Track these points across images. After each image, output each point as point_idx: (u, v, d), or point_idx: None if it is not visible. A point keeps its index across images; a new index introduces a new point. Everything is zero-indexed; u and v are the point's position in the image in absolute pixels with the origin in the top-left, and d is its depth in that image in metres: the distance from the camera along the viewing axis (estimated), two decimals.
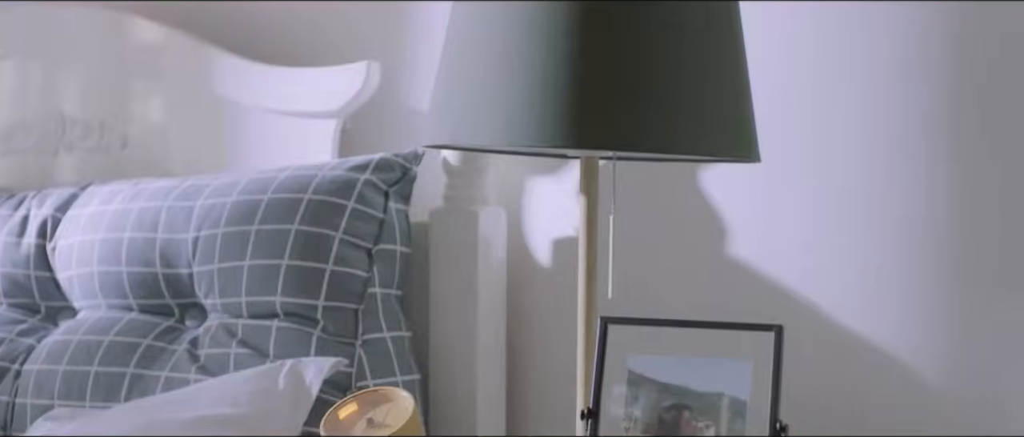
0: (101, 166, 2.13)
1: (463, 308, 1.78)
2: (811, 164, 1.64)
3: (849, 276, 1.62)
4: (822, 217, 1.64)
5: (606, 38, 1.30)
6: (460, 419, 1.78)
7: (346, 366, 1.66)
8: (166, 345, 1.78)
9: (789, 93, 1.65)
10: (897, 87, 1.59)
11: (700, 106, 1.33)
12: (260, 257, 1.71)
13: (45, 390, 1.82)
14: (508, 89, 1.32)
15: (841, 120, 1.62)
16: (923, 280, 1.58)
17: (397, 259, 1.75)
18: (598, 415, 1.22)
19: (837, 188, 1.63)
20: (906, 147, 1.59)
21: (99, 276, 1.86)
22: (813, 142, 1.64)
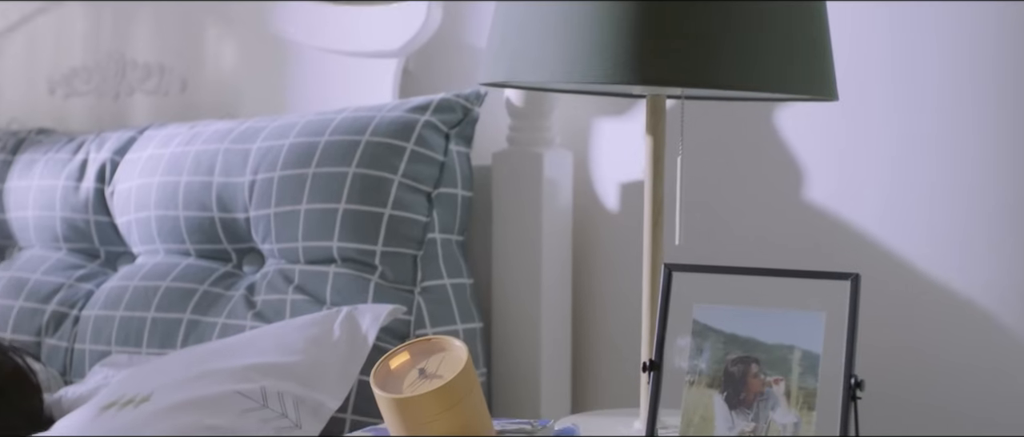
0: (161, 109, 2.10)
1: (527, 254, 1.71)
2: (892, 105, 1.55)
3: (930, 223, 1.53)
4: (902, 161, 1.54)
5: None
6: (523, 368, 1.72)
7: (404, 314, 1.60)
8: (223, 291, 1.74)
9: (869, 29, 1.55)
10: (983, 26, 1.49)
11: (775, 39, 1.25)
12: (317, 201, 1.66)
13: (103, 336, 1.79)
14: (569, 21, 1.25)
15: (923, 60, 1.52)
16: (1008, 229, 1.48)
17: (458, 203, 1.69)
18: (660, 368, 1.15)
19: (918, 131, 1.53)
20: (991, 90, 1.49)
21: (156, 220, 1.82)
22: (894, 81, 1.55)
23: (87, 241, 1.95)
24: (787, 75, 1.26)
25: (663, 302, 1.17)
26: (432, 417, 1.18)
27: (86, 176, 1.94)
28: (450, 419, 1.19)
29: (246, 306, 1.69)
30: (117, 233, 1.92)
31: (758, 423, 1.09)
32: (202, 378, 1.49)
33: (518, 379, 1.73)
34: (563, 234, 1.74)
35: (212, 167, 1.77)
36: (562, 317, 1.74)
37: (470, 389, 1.20)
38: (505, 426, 1.29)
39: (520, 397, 1.72)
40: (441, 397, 1.18)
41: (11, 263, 2.02)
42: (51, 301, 1.89)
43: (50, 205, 1.97)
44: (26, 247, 2.05)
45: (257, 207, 1.72)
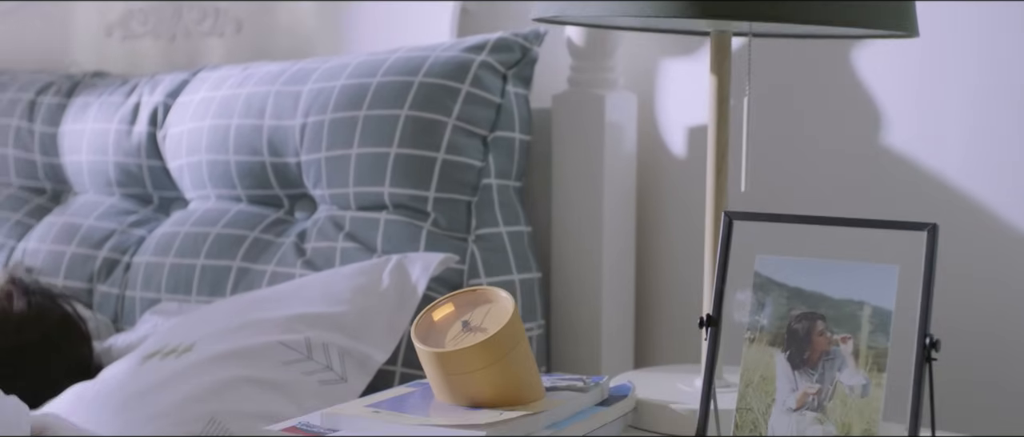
0: (217, 50, 2.05)
1: (588, 201, 1.63)
2: (975, 43, 1.44)
3: (1016, 171, 1.42)
4: (986, 104, 1.44)
5: None
6: (583, 320, 1.65)
7: (457, 263, 1.54)
8: (273, 238, 1.68)
9: None
10: None
11: None
12: (368, 145, 1.60)
13: (153, 283, 1.75)
14: None
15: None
16: None
17: (516, 148, 1.62)
18: (719, 323, 1.07)
19: (1004, 72, 1.42)
20: None
21: (207, 165, 1.77)
22: (978, 16, 1.44)
23: (140, 186, 1.91)
24: (862, 8, 1.16)
25: (722, 253, 1.09)
26: (474, 372, 1.12)
27: (139, 120, 1.89)
28: (494, 374, 1.12)
29: (296, 254, 1.63)
30: (169, 178, 1.87)
31: (823, 384, 1.01)
32: (245, 328, 1.44)
33: (578, 332, 1.65)
34: (626, 180, 1.65)
35: (263, 110, 1.72)
36: (625, 267, 1.66)
37: (515, 343, 1.13)
38: (555, 382, 1.22)
39: (580, 351, 1.65)
40: (484, 351, 1.11)
41: (65, 208, 1.99)
42: (103, 247, 1.85)
43: (103, 149, 1.93)
44: (80, 192, 2.02)
45: (308, 151, 1.66)
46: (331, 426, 1.12)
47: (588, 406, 1.19)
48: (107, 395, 1.41)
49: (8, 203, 2.07)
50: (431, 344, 1.14)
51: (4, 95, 2.16)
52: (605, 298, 1.64)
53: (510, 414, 1.09)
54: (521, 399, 1.14)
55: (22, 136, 2.07)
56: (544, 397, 1.16)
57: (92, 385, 1.46)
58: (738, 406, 1.03)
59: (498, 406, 1.12)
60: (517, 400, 1.13)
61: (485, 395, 1.12)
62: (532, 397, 1.15)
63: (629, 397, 1.23)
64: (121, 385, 1.42)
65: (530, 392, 1.15)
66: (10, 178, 2.11)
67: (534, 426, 1.10)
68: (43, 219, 1.99)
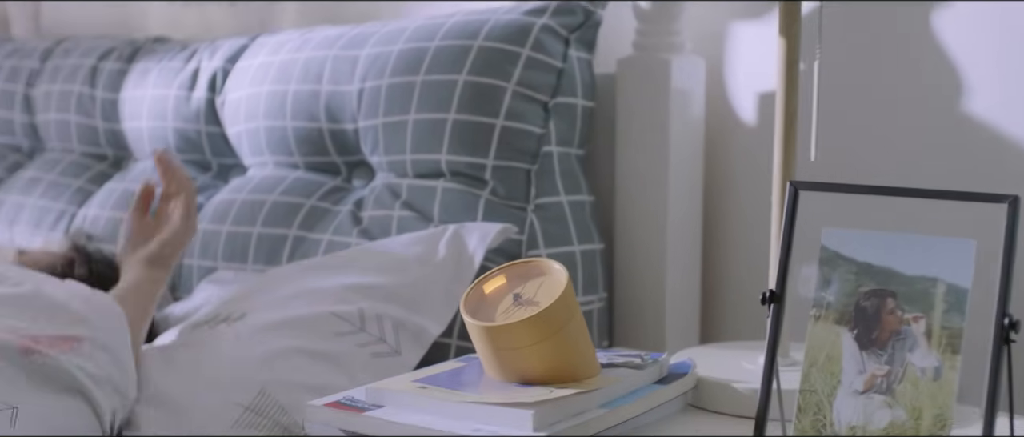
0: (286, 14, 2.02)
1: (653, 170, 1.57)
2: None
3: None
4: None
5: None
6: (647, 293, 1.59)
7: (515, 233, 1.49)
8: (330, 206, 1.65)
9: None
10: None
11: None
12: (425, 111, 1.55)
13: (209, 251, 1.72)
14: None
15: None
16: None
17: (578, 114, 1.56)
18: (783, 299, 1.01)
19: None
20: None
21: (265, 132, 1.74)
22: None
23: (199, 152, 1.88)
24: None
25: (787, 225, 1.03)
26: (525, 347, 1.07)
27: (198, 85, 1.87)
28: (545, 350, 1.07)
29: (352, 222, 1.59)
30: (228, 145, 1.84)
31: (893, 366, 0.95)
32: (298, 297, 1.41)
33: (641, 306, 1.60)
34: (693, 148, 1.59)
35: (320, 75, 1.68)
36: (691, 239, 1.60)
37: (569, 318, 1.08)
38: (612, 358, 1.17)
39: (643, 326, 1.60)
40: (535, 326, 1.07)
41: (125, 175, 1.97)
42: None
43: (162, 115, 1.90)
44: (140, 158, 2.00)
45: (365, 117, 1.62)
46: (376, 401, 1.08)
47: (645, 384, 1.14)
48: (154, 365, 1.39)
49: (70, 169, 2.06)
50: (481, 317, 1.10)
51: (67, 61, 2.14)
52: (670, 271, 1.58)
53: (562, 391, 1.04)
54: (574, 376, 1.09)
55: (84, 102, 2.06)
56: (599, 374, 1.12)
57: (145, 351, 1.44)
58: (801, 387, 0.97)
59: (550, 383, 1.07)
60: (570, 377, 1.09)
61: (536, 371, 1.08)
62: (586, 374, 1.10)
63: (689, 375, 1.18)
64: (172, 353, 1.40)
65: (584, 369, 1.10)
66: (72, 144, 2.10)
67: (587, 404, 1.05)
68: (104, 185, 1.98)
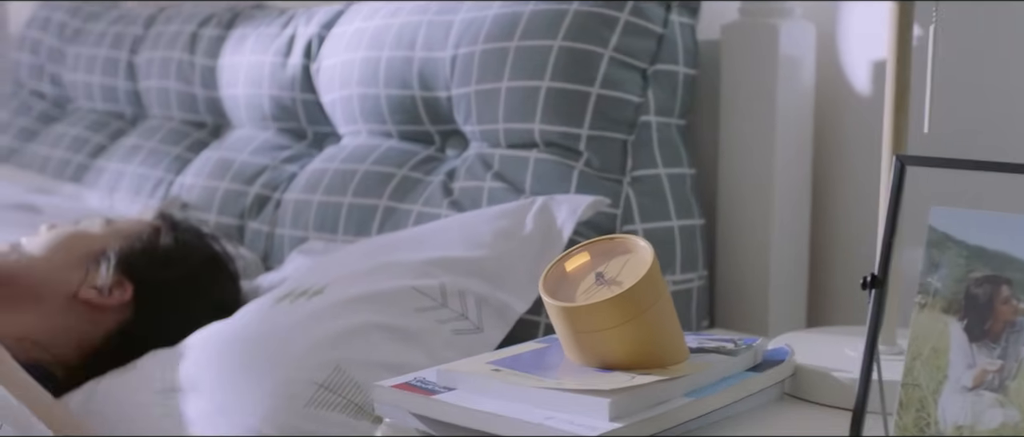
0: None
1: (759, 142, 1.49)
2: None
3: None
4: None
5: None
6: (750, 273, 1.50)
7: (609, 206, 1.41)
8: (422, 176, 1.59)
9: None
10: None
11: None
12: (518, 78, 1.48)
13: (301, 221, 1.68)
14: None
15: None
16: None
17: (679, 82, 1.48)
18: (885, 284, 0.93)
19: None
20: None
21: (358, 99, 1.69)
22: None
23: (294, 120, 1.85)
24: None
25: (892, 202, 0.94)
26: (606, 330, 1.00)
27: (293, 52, 1.83)
28: (628, 333, 1.00)
29: (443, 193, 1.54)
30: (323, 112, 1.80)
31: (1006, 361, 0.85)
32: (380, 271, 1.35)
33: (744, 286, 1.51)
34: (802, 120, 1.50)
35: (414, 41, 1.62)
36: (799, 215, 1.51)
37: (655, 299, 1.01)
38: (702, 343, 1.10)
39: (746, 307, 1.51)
40: (617, 307, 0.99)
41: (221, 142, 1.95)
42: (255, 183, 1.80)
43: (258, 82, 1.87)
44: (238, 126, 1.97)
45: (458, 85, 1.56)
46: (447, 383, 1.02)
47: (737, 371, 1.06)
48: (235, 336, 1.35)
49: (170, 137, 2.05)
50: (561, 297, 1.03)
51: (169, 28, 2.13)
52: (775, 248, 1.49)
53: (644, 378, 0.97)
54: (659, 361, 1.02)
55: (184, 69, 2.04)
56: (687, 359, 1.04)
57: (225, 324, 1.41)
58: (904, 381, 0.88)
59: (632, 369, 1.00)
60: (654, 362, 1.01)
61: (617, 356, 1.01)
62: (672, 359, 1.03)
63: (786, 362, 1.10)
64: (250, 327, 1.36)
65: (670, 354, 1.03)
66: (172, 112, 2.09)
67: (671, 393, 0.98)
68: (201, 154, 1.96)
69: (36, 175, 2.24)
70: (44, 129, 2.34)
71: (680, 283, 1.45)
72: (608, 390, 0.93)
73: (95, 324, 1.49)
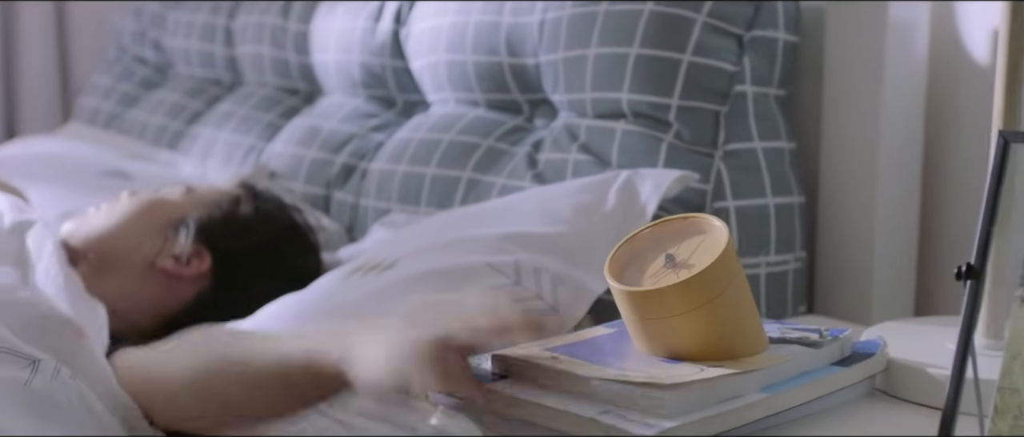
0: None
1: (866, 115, 1.38)
2: None
3: None
4: None
5: None
6: (854, 256, 1.40)
7: (697, 181, 1.33)
8: (507, 147, 1.52)
9: None
10: None
11: None
12: (607, 44, 1.40)
13: (385, 192, 1.62)
14: None
15: None
16: None
17: (779, 50, 1.38)
18: (982, 274, 0.83)
19: None
20: None
21: (446, 66, 1.63)
22: None
23: (383, 88, 1.79)
24: None
25: (993, 184, 0.84)
26: (673, 317, 0.92)
27: (383, 16, 1.77)
28: (697, 320, 0.92)
29: (527, 165, 1.47)
30: (412, 79, 1.74)
31: None
32: (454, 245, 1.29)
33: (847, 270, 1.41)
34: (913, 92, 1.39)
35: (502, 5, 1.55)
36: (908, 195, 1.40)
37: (728, 283, 0.93)
38: (785, 332, 1.01)
39: (848, 293, 1.41)
40: (685, 292, 0.91)
41: (312, 109, 1.90)
42: (342, 152, 1.75)
43: (349, 48, 1.82)
44: (328, 93, 1.92)
45: (546, 51, 1.48)
46: (502, 370, 0.95)
47: (821, 365, 0.97)
48: (304, 310, 1.30)
49: (263, 104, 2.01)
50: (628, 279, 0.95)
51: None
52: (880, 230, 1.39)
53: (714, 372, 0.89)
54: (733, 352, 0.93)
55: (277, 34, 2.00)
56: (766, 350, 0.95)
57: (296, 297, 1.36)
58: (1000, 384, 0.79)
59: (702, 359, 0.92)
60: (727, 353, 0.93)
61: (685, 345, 0.93)
62: (748, 349, 0.94)
63: (877, 356, 1.00)
64: (319, 300, 1.31)
65: (746, 344, 0.94)
66: (266, 77, 2.05)
67: (743, 387, 0.90)
68: (291, 121, 1.91)
69: (134, 141, 2.23)
70: (145, 95, 2.32)
71: (774, 265, 1.36)
72: (667, 383, 0.85)
73: (172, 294, 1.45)
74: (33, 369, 1.04)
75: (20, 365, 1.04)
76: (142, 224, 1.49)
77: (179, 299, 1.45)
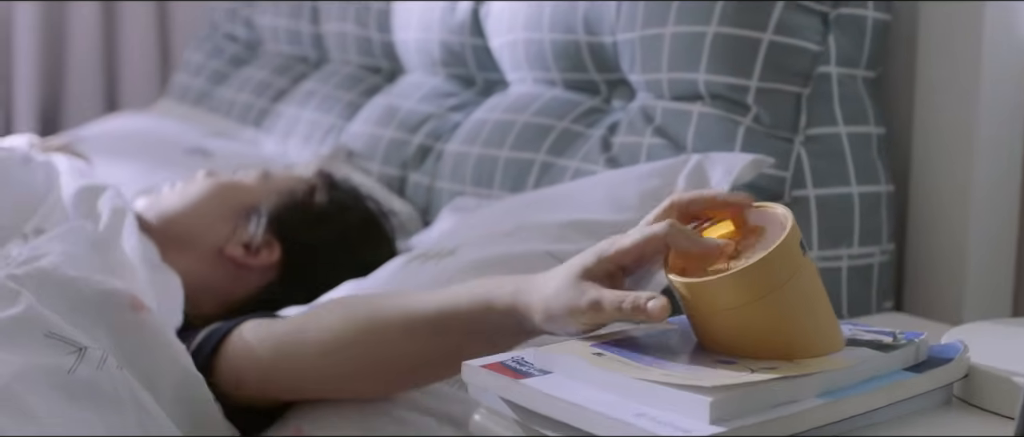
0: None
1: (963, 98, 1.29)
2: None
3: None
4: None
5: None
6: (946, 249, 1.31)
7: (773, 166, 1.25)
8: (583, 130, 1.46)
9: None
10: None
11: None
12: (684, 22, 1.33)
13: (459, 174, 1.58)
14: None
15: None
16: None
17: (867, 28, 1.30)
18: None
19: None
20: None
21: (523, 44, 1.57)
22: None
23: (463, 66, 1.74)
24: None
25: None
26: (727, 311, 0.85)
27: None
28: (757, 313, 0.85)
29: (601, 149, 1.40)
30: (491, 58, 1.68)
31: None
32: (516, 233, 1.23)
33: (938, 265, 1.32)
34: (1015, 74, 1.29)
35: None
36: (1006, 183, 1.31)
37: (790, 275, 0.85)
38: (856, 334, 0.93)
39: (939, 288, 1.32)
40: (742, 284, 0.85)
41: (391, 88, 1.86)
42: (419, 132, 1.70)
43: (429, 26, 1.77)
44: (410, 71, 1.87)
45: (624, 29, 1.41)
46: (543, 365, 0.89)
47: (890, 370, 0.89)
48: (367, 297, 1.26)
49: (345, 82, 1.98)
50: (690, 270, 0.89)
51: None
52: (976, 222, 1.29)
53: (763, 375, 0.82)
54: (796, 350, 0.86)
55: (360, 12, 1.96)
56: (839, 349, 0.88)
57: (359, 283, 1.32)
58: None
59: (761, 358, 0.85)
60: (789, 352, 0.86)
61: (739, 342, 0.86)
62: (814, 349, 0.87)
63: (956, 361, 0.92)
64: (380, 287, 1.27)
65: (818, 343, 0.87)
66: (349, 56, 2.01)
67: (799, 392, 0.82)
68: (372, 99, 1.87)
69: (221, 119, 2.21)
70: (234, 72, 2.30)
71: (857, 258, 1.27)
72: (712, 386, 0.78)
73: (238, 282, 1.42)
74: (79, 357, 1.01)
75: (65, 351, 1.01)
76: (214, 207, 1.46)
77: (245, 287, 1.42)
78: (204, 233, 1.43)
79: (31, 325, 1.02)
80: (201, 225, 1.44)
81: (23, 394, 0.96)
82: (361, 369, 1.09)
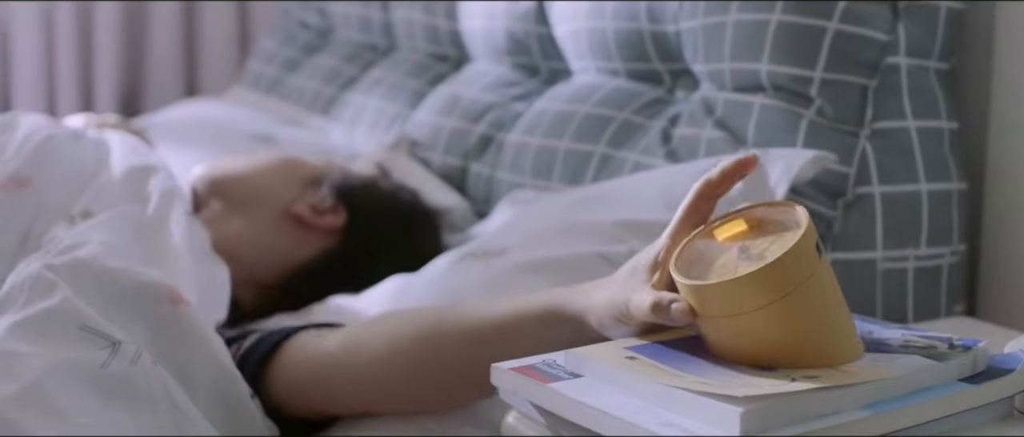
0: None
1: None
2: None
3: None
4: None
5: None
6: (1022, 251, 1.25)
7: (837, 162, 1.19)
8: (644, 121, 1.42)
9: None
10: None
11: None
12: (747, 10, 1.28)
13: (519, 165, 1.54)
14: None
15: None
16: None
17: (940, 17, 1.23)
18: None
19: None
20: None
21: (586, 33, 1.53)
22: None
23: (527, 55, 1.70)
24: None
25: None
26: (740, 313, 0.80)
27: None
28: (769, 318, 0.80)
29: (661, 142, 1.36)
30: (556, 47, 1.64)
31: None
32: (568, 232, 1.20)
33: (1015, 266, 1.26)
34: None
35: None
36: None
37: (804, 277, 0.80)
38: (909, 339, 0.88)
39: (1016, 292, 1.25)
40: (751, 287, 0.80)
41: (456, 77, 1.82)
42: (481, 121, 1.67)
43: (493, 13, 1.73)
44: (475, 59, 1.84)
45: (687, 17, 1.37)
46: (575, 369, 0.85)
47: (943, 381, 0.83)
48: (415, 293, 1.24)
49: (413, 70, 1.95)
50: (697, 273, 0.84)
51: None
52: None
53: (804, 384, 0.77)
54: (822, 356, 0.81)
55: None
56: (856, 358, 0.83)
57: (408, 279, 1.30)
58: None
59: (791, 365, 0.80)
60: (815, 358, 0.81)
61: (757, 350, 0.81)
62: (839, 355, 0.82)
63: (1016, 373, 0.86)
64: (430, 284, 1.24)
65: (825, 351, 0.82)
66: (417, 44, 1.98)
67: (841, 404, 0.77)
68: (436, 88, 1.84)
69: (291, 106, 2.20)
70: (305, 59, 2.29)
71: (925, 259, 1.21)
72: (742, 396, 0.74)
73: (301, 243, 1.41)
74: (113, 351, 0.99)
75: (99, 345, 1.00)
76: (280, 171, 1.49)
77: (306, 250, 1.41)
78: (271, 193, 1.45)
79: (65, 318, 1.00)
80: (269, 185, 1.46)
81: (54, 391, 0.94)
82: (423, 377, 1.06)
